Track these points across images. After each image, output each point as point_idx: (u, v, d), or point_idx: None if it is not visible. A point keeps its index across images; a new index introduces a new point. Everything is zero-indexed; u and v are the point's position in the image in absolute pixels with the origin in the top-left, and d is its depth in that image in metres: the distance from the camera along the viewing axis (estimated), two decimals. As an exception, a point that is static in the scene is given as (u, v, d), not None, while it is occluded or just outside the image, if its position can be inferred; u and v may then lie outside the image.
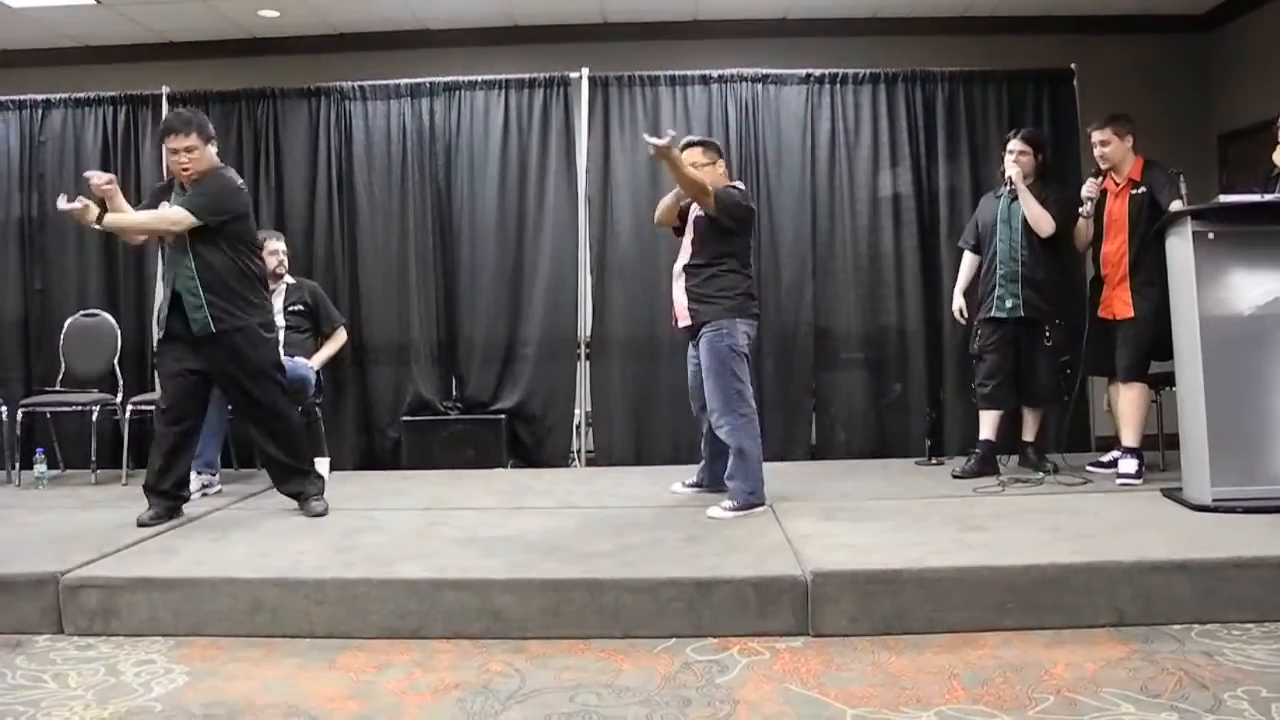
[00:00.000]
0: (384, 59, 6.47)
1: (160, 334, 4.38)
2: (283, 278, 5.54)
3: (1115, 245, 4.82)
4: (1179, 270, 4.22)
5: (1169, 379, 4.64)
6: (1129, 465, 4.72)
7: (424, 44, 6.60)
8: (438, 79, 6.13)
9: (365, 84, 6.16)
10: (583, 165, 6.04)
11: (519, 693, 2.81)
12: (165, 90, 6.15)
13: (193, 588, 3.40)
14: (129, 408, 5.60)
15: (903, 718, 2.59)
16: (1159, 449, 5.19)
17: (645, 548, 3.71)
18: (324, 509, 4.47)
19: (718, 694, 2.77)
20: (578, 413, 6.08)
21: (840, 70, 6.05)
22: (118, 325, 5.94)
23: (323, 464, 5.52)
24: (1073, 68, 6.04)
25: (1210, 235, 4.08)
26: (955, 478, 5.02)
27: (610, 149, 6.06)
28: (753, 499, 4.30)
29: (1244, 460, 4.01)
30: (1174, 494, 4.29)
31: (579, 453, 6.09)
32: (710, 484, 4.72)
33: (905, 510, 4.29)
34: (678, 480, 4.94)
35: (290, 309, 5.51)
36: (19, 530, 4.25)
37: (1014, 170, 4.97)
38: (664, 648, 3.15)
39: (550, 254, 6.06)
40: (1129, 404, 4.78)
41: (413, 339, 6.09)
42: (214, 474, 5.12)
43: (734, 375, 4.33)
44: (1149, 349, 4.74)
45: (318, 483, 4.63)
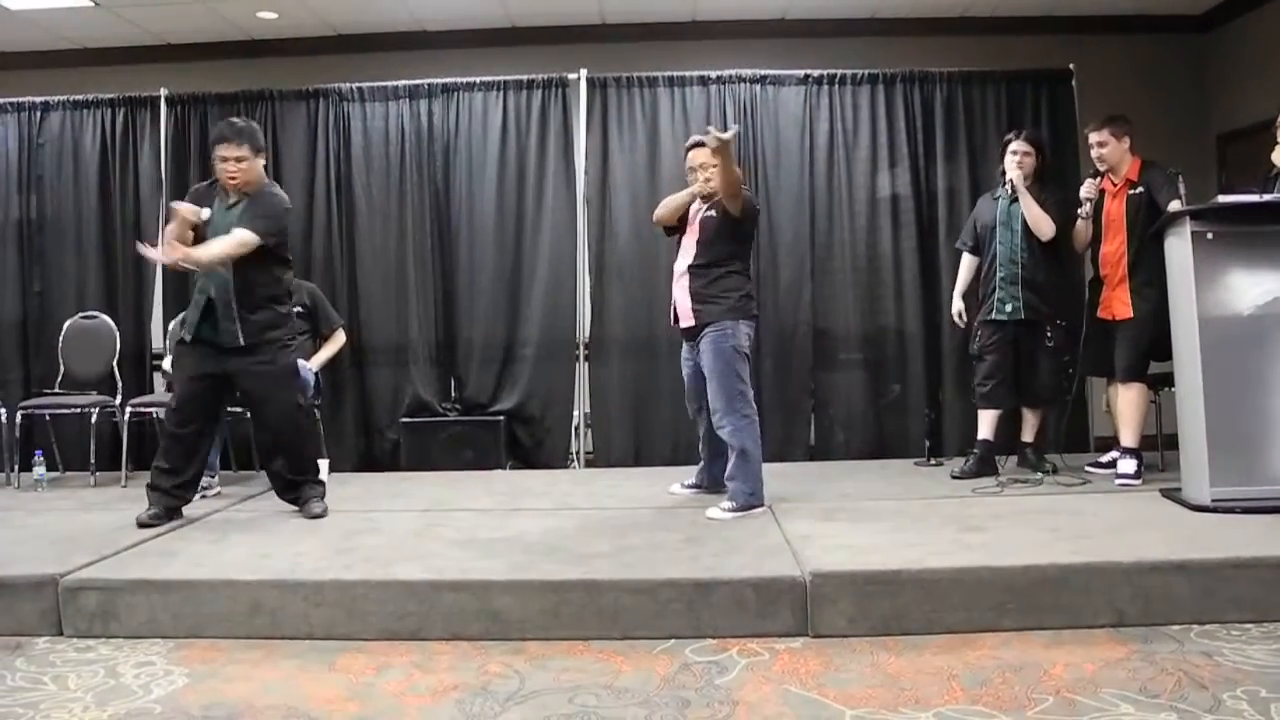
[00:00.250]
0: (382, 60, 6.48)
1: (187, 337, 4.37)
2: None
3: (1114, 246, 4.82)
4: (1178, 270, 4.22)
5: (1168, 379, 4.64)
6: (1128, 466, 4.72)
7: (422, 45, 6.60)
8: (436, 80, 6.14)
9: (363, 85, 6.16)
10: (581, 166, 6.05)
11: (518, 694, 2.81)
12: (164, 92, 6.15)
13: (192, 590, 3.40)
14: (128, 410, 5.60)
15: (902, 718, 2.59)
16: (1158, 449, 5.20)
17: (644, 549, 3.71)
18: (323, 510, 4.47)
19: (717, 695, 2.77)
20: (576, 414, 6.08)
21: (838, 71, 6.05)
22: (116, 327, 5.94)
23: (321, 465, 5.53)
24: (1071, 68, 6.04)
25: (1209, 235, 4.08)
26: (954, 478, 5.02)
27: (609, 150, 6.06)
28: (752, 500, 4.29)
29: (1243, 460, 4.01)
30: (1173, 494, 4.29)
31: (578, 454, 6.09)
32: (710, 485, 4.72)
33: (904, 511, 4.29)
34: (676, 481, 4.94)
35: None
36: (18, 532, 4.25)
37: (1015, 173, 4.96)
38: (663, 649, 3.15)
39: (549, 255, 6.06)
40: (1128, 404, 4.79)
41: (411, 340, 6.10)
42: (213, 476, 5.12)
43: (737, 376, 4.32)
44: (1148, 349, 4.74)
45: (318, 487, 4.64)
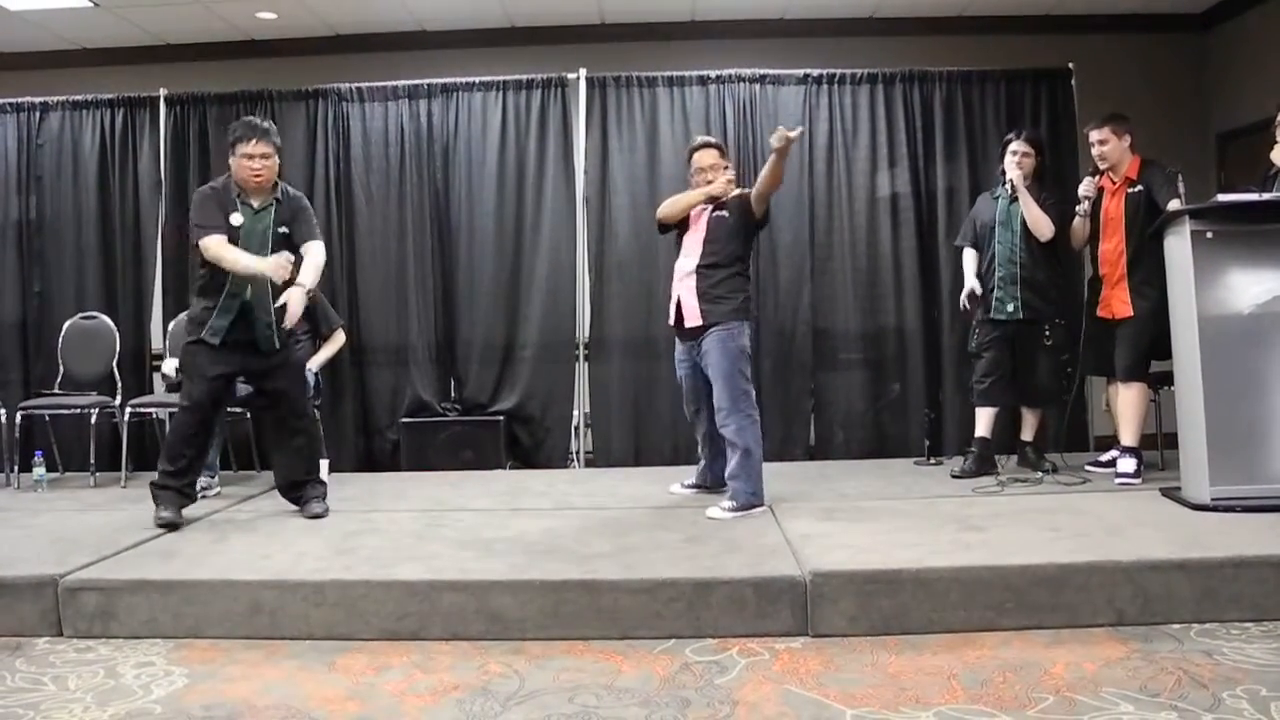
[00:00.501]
0: (381, 61, 6.48)
1: (214, 340, 4.25)
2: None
3: (1113, 244, 4.82)
4: (1178, 269, 4.21)
5: (1168, 378, 4.64)
6: (1128, 465, 4.72)
7: (421, 45, 6.60)
8: (435, 80, 6.13)
9: (363, 86, 6.15)
10: (581, 166, 6.04)
11: (518, 694, 2.81)
12: (163, 92, 6.15)
13: (192, 590, 3.40)
14: (128, 410, 5.60)
15: (902, 718, 2.59)
16: (1158, 448, 5.20)
17: (644, 549, 3.71)
18: (324, 510, 4.47)
19: (717, 695, 2.77)
20: (576, 414, 6.08)
21: (838, 70, 6.05)
22: (116, 328, 5.94)
23: (321, 466, 5.53)
24: (1070, 67, 6.03)
25: (1209, 234, 4.07)
26: (954, 477, 5.02)
27: (608, 150, 6.05)
28: (753, 500, 4.30)
29: (1243, 459, 4.01)
30: (1173, 493, 4.29)
31: (578, 454, 6.09)
32: (713, 483, 4.70)
33: (904, 510, 4.29)
34: (676, 481, 4.94)
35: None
36: (18, 533, 4.25)
37: (1015, 173, 4.96)
38: (663, 649, 3.15)
39: (548, 255, 6.06)
40: (1127, 403, 4.78)
41: (411, 340, 6.09)
42: (213, 476, 5.12)
43: (743, 375, 4.35)
44: (1147, 348, 4.74)
45: (320, 486, 4.65)
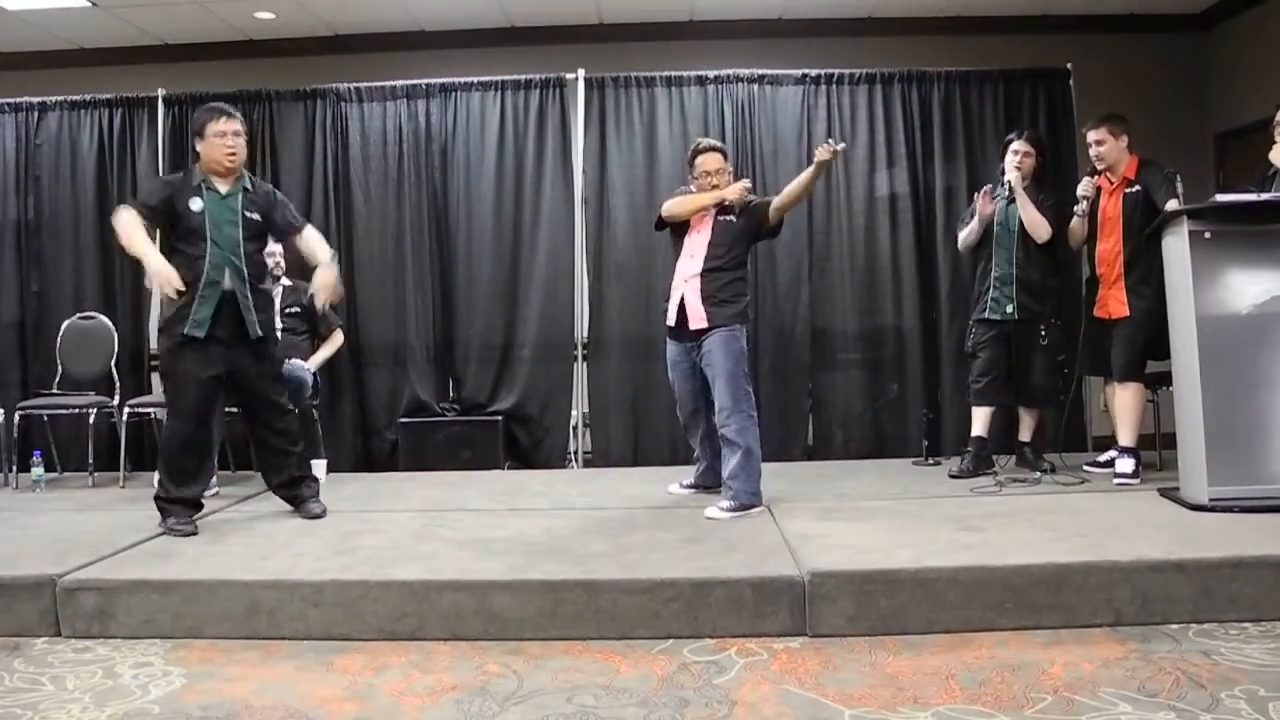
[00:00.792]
0: (380, 61, 6.48)
1: (199, 334, 4.11)
2: (279, 280, 5.54)
3: (1110, 244, 4.83)
4: (1176, 269, 4.22)
5: (1166, 378, 4.65)
6: (1126, 465, 4.72)
7: (420, 45, 6.60)
8: (434, 80, 6.13)
9: (361, 86, 6.15)
10: (579, 166, 6.04)
11: (516, 694, 2.81)
12: (161, 92, 6.14)
13: (190, 590, 3.39)
14: (126, 410, 5.59)
15: (900, 718, 2.59)
16: (1156, 448, 5.20)
17: (643, 549, 3.71)
18: (322, 510, 4.46)
19: (715, 695, 2.77)
20: (575, 414, 6.08)
21: (836, 70, 6.05)
22: (114, 328, 5.93)
23: (320, 466, 5.53)
24: (1069, 67, 6.03)
25: (1207, 234, 4.07)
26: (952, 477, 5.02)
27: (606, 150, 6.05)
28: (753, 499, 4.30)
29: (1241, 460, 4.01)
30: (1171, 493, 4.29)
31: (576, 454, 6.09)
32: (714, 483, 4.68)
33: (902, 510, 4.29)
34: (675, 481, 4.93)
35: (287, 311, 5.51)
36: (16, 533, 4.24)
37: (1014, 175, 4.97)
38: (661, 649, 3.15)
39: (547, 255, 6.06)
40: (1125, 403, 4.79)
41: (409, 340, 6.09)
42: (212, 477, 5.10)
43: (744, 375, 4.39)
44: (1144, 348, 4.75)
45: (313, 485, 4.63)
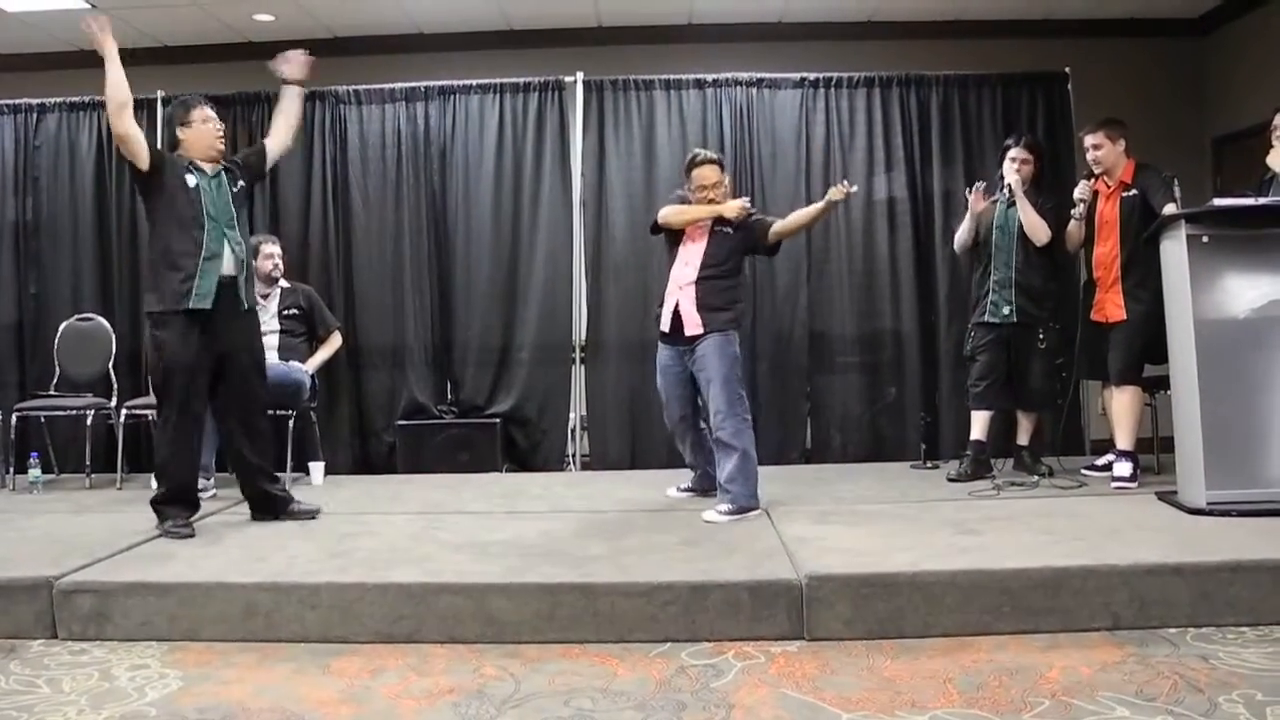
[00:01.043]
0: (379, 63, 6.48)
1: (206, 305, 4.07)
2: (278, 281, 5.54)
3: (1107, 248, 4.83)
4: (1174, 273, 4.22)
5: (1163, 382, 4.64)
6: (1124, 468, 4.72)
7: (419, 48, 6.61)
8: (432, 83, 6.12)
9: (360, 88, 6.15)
10: (577, 169, 6.03)
11: (513, 697, 2.81)
12: (160, 94, 6.13)
13: (187, 592, 3.39)
14: (124, 412, 5.58)
15: (898, 721, 2.59)
16: (1154, 452, 5.20)
17: (640, 552, 3.70)
18: (315, 509, 4.48)
19: (713, 698, 2.77)
20: (573, 416, 6.07)
21: (835, 74, 6.05)
22: (112, 329, 5.91)
23: (317, 468, 5.54)
24: (1067, 71, 6.03)
25: (1205, 238, 4.08)
26: (950, 481, 5.02)
27: (605, 153, 6.05)
28: (750, 502, 4.30)
29: (1239, 463, 4.01)
30: (1169, 497, 4.29)
31: (574, 456, 6.08)
32: (711, 487, 4.66)
33: (900, 514, 4.29)
34: (673, 484, 4.93)
35: (285, 313, 5.50)
36: (13, 534, 4.23)
37: (1014, 179, 4.98)
38: (659, 652, 3.15)
39: (545, 257, 6.05)
40: (1122, 407, 4.79)
41: (408, 343, 6.08)
42: (208, 478, 5.09)
43: (739, 380, 4.39)
44: (1141, 352, 4.75)
45: (285, 489, 4.61)
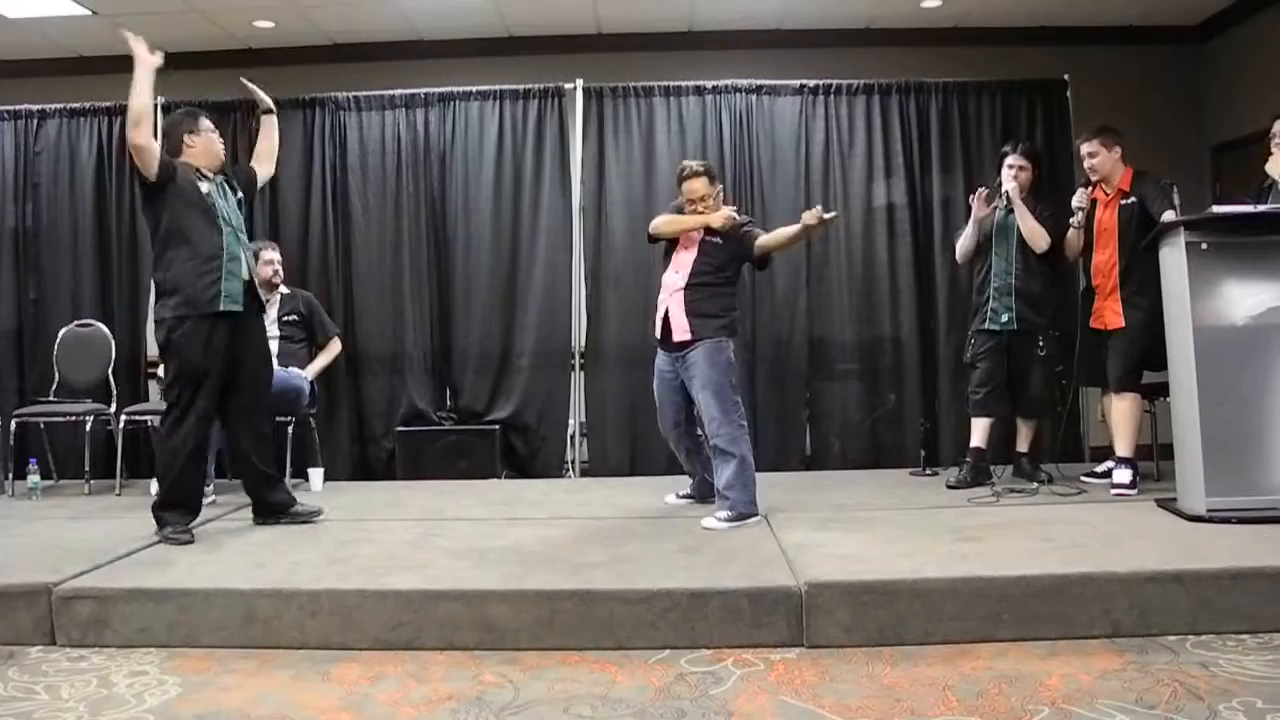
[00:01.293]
0: (379, 70, 6.48)
1: (236, 306, 4.19)
2: (277, 288, 5.55)
3: (1105, 255, 4.84)
4: (1173, 280, 4.22)
5: (1163, 389, 4.65)
6: (1123, 475, 4.72)
7: (419, 55, 6.62)
8: (432, 90, 6.13)
9: (360, 95, 6.16)
10: (577, 176, 6.04)
11: (512, 704, 2.80)
12: (160, 100, 6.12)
13: (186, 599, 3.38)
14: (123, 418, 5.58)
15: (897, 729, 2.58)
16: (1153, 459, 5.20)
17: (639, 558, 3.70)
18: (317, 510, 4.52)
19: (712, 705, 2.76)
20: (572, 423, 6.07)
21: (834, 81, 6.07)
22: (111, 335, 5.92)
23: (316, 474, 5.53)
24: (1066, 78, 6.05)
25: (1204, 246, 4.08)
26: (949, 488, 5.02)
27: (605, 159, 6.06)
28: (749, 509, 4.30)
29: (1239, 470, 4.01)
30: (1168, 504, 4.28)
31: (573, 463, 6.08)
32: (709, 494, 4.65)
33: (900, 521, 4.29)
34: (672, 491, 4.93)
35: (285, 319, 5.50)
36: (12, 541, 4.23)
37: (1011, 186, 4.99)
38: (658, 659, 3.14)
39: (545, 264, 6.06)
40: (1121, 414, 4.79)
41: (407, 349, 6.09)
42: (209, 484, 5.10)
43: (732, 387, 4.38)
44: (1140, 359, 4.76)
45: (289, 491, 4.65)
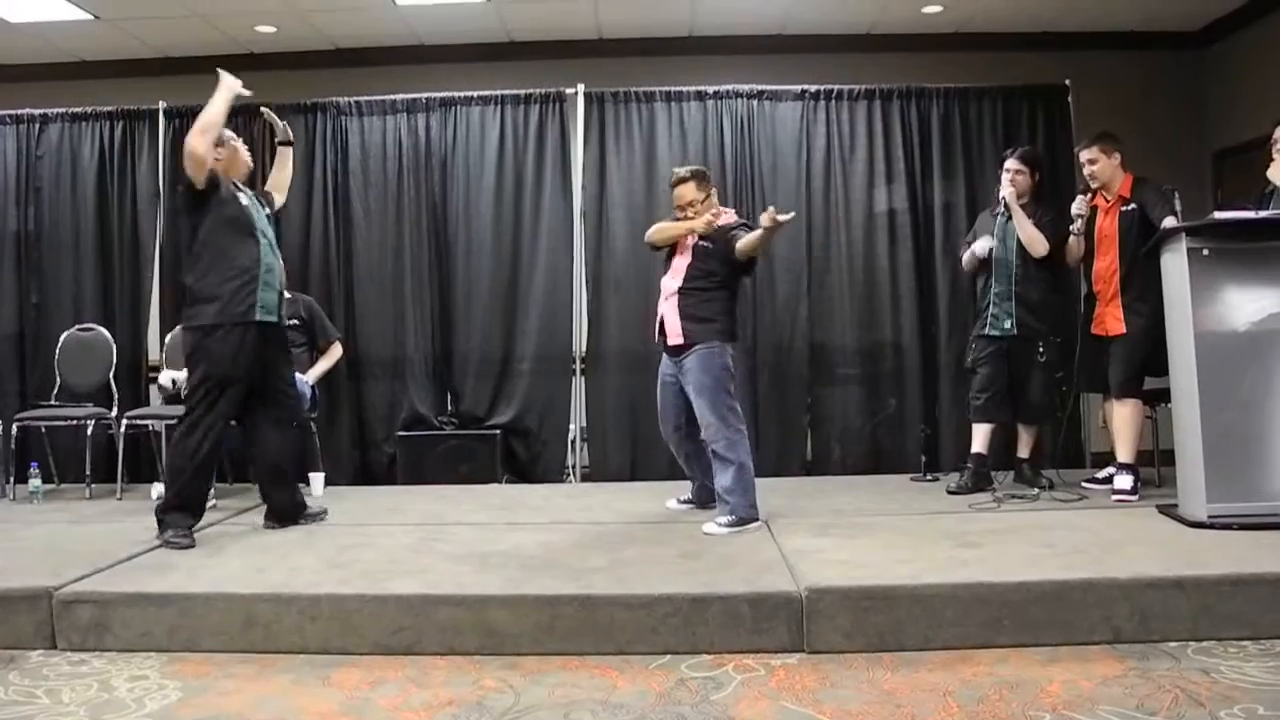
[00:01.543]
0: (380, 74, 6.50)
1: (271, 317, 4.38)
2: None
3: (1106, 262, 4.84)
4: (1174, 286, 4.22)
5: (1164, 395, 4.65)
6: (1124, 481, 4.72)
7: (420, 60, 6.63)
8: (434, 94, 6.14)
9: (361, 99, 6.17)
10: (578, 181, 6.05)
11: (513, 709, 2.80)
12: (162, 105, 6.15)
13: (186, 603, 3.39)
14: (124, 422, 5.57)
15: (898, 735, 2.58)
16: (1154, 465, 5.19)
17: (640, 563, 3.70)
18: (322, 510, 4.59)
19: (713, 711, 2.76)
20: (573, 428, 6.07)
21: (835, 86, 6.07)
22: (113, 340, 5.93)
23: (317, 479, 5.53)
24: (1067, 84, 6.05)
25: (1205, 251, 4.08)
26: (950, 493, 5.02)
27: (606, 164, 6.07)
28: (750, 513, 4.30)
29: (1240, 476, 4.01)
30: (1169, 510, 4.28)
31: (574, 468, 6.08)
32: (710, 499, 4.66)
33: (900, 526, 4.29)
34: (673, 496, 4.92)
35: (286, 323, 5.49)
36: (13, 545, 4.23)
37: (1008, 191, 4.99)
38: (658, 664, 3.14)
39: (546, 269, 6.06)
40: (1122, 420, 4.79)
41: (408, 354, 6.09)
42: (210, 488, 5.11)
43: (727, 392, 4.37)
44: (1141, 365, 4.76)
45: (302, 497, 4.68)
